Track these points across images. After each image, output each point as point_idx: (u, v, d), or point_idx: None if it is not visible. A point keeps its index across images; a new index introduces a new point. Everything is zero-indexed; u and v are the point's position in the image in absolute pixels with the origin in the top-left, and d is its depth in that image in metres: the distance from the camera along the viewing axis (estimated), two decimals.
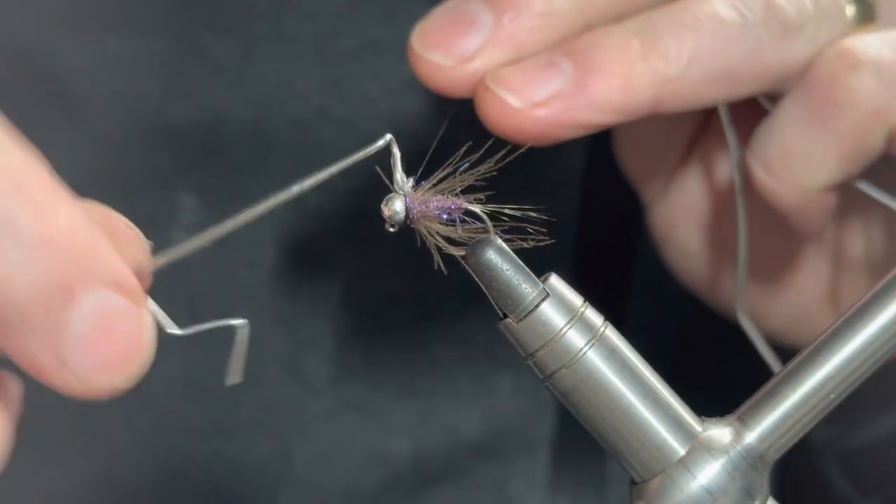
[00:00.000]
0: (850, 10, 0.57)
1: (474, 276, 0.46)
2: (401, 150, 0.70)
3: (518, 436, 0.71)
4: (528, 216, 0.47)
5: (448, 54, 0.54)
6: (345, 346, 0.71)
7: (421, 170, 0.48)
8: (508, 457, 0.72)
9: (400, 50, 0.70)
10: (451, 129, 0.70)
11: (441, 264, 0.47)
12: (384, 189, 0.48)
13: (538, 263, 0.47)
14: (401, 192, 0.47)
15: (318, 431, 0.71)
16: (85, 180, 0.47)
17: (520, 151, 0.50)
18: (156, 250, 0.47)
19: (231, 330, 0.46)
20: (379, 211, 0.48)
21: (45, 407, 0.64)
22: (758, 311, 0.64)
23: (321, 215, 0.69)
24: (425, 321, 0.70)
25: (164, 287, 0.67)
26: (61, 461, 0.69)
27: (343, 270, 0.70)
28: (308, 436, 0.71)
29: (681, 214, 0.64)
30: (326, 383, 0.71)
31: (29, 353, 0.43)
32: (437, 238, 0.47)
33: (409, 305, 0.70)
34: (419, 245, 0.48)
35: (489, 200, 0.48)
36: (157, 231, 0.47)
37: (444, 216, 0.47)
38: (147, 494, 0.70)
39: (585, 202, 0.72)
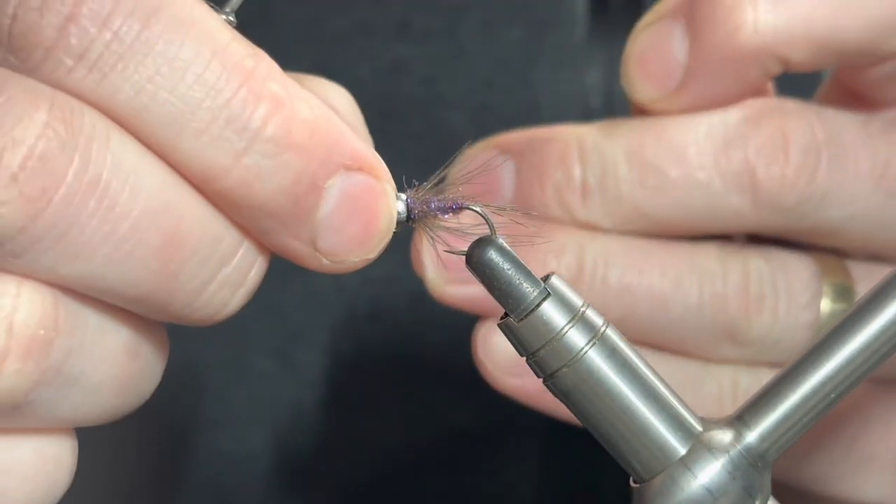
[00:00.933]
0: (824, 305, 0.58)
1: (475, 275, 0.45)
2: (391, 132, 0.70)
3: (511, 424, 0.71)
4: (529, 215, 0.47)
5: None
6: (337, 336, 0.70)
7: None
8: (501, 445, 0.72)
9: (389, 31, 0.69)
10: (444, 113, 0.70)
11: (442, 263, 0.47)
12: None
13: None
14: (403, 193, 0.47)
15: (311, 423, 0.71)
16: None
17: None
18: None
19: None
20: None
21: None
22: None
23: None
24: (417, 310, 0.70)
25: None
26: None
27: None
28: (301, 427, 0.71)
29: None
30: (319, 375, 0.70)
31: (281, 245, 0.43)
32: (439, 237, 0.47)
33: (401, 295, 0.70)
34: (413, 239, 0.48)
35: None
36: None
37: (445, 215, 0.46)
38: (141, 487, 0.69)
39: None
